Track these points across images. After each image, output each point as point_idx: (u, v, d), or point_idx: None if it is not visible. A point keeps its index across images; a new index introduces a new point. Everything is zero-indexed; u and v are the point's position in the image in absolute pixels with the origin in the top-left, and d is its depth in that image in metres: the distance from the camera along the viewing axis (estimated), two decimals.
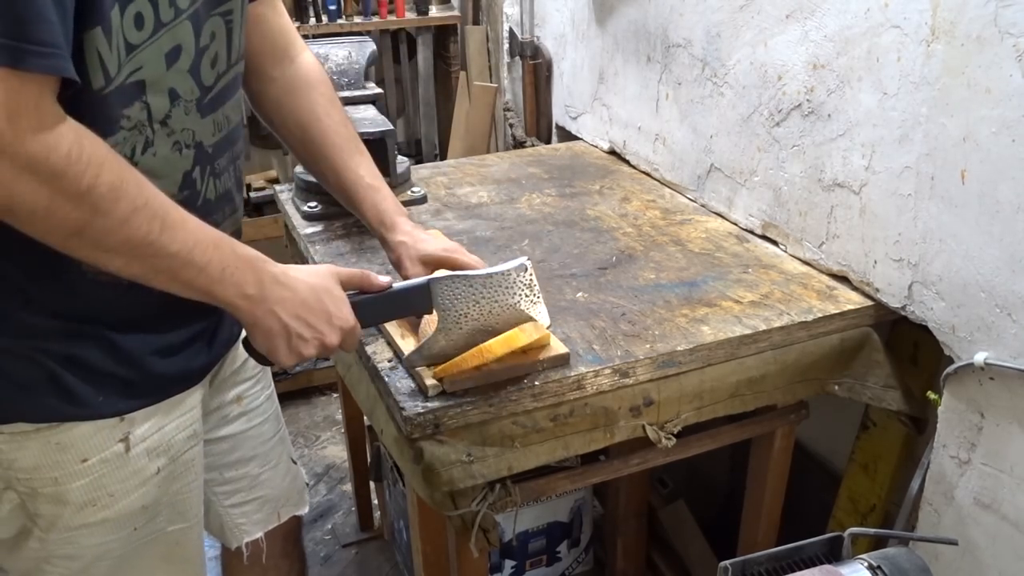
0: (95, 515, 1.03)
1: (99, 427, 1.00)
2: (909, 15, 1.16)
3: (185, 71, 0.94)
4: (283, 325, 0.95)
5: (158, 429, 1.05)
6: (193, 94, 0.96)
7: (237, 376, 1.24)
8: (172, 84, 0.92)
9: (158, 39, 0.89)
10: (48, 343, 0.95)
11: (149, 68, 0.89)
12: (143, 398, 1.03)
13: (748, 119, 1.53)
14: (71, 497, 1.00)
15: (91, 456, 1.00)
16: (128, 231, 0.81)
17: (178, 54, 0.92)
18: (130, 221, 0.81)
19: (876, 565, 0.92)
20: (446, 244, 1.23)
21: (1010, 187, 1.06)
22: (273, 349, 0.96)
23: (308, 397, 2.84)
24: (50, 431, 0.97)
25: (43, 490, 1.00)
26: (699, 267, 1.43)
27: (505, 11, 2.54)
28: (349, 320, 0.99)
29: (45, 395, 0.96)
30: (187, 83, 0.95)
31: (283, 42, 1.20)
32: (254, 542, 1.34)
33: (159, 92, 0.91)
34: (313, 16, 2.65)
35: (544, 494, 1.28)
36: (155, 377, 1.03)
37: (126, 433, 1.02)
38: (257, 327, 0.95)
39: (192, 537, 1.17)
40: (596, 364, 1.14)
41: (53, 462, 0.98)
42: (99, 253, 0.83)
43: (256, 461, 1.30)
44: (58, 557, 1.04)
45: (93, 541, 1.05)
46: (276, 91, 1.20)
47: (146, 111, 0.90)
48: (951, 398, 1.21)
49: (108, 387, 0.99)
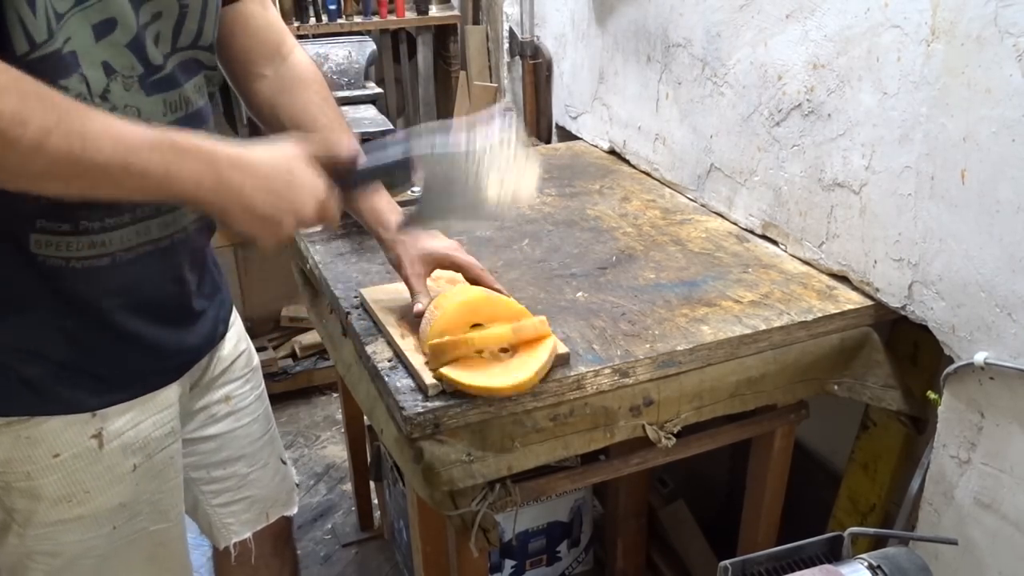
0: (70, 511, 1.03)
1: (69, 422, 1.00)
2: (909, 15, 1.16)
3: (121, 45, 0.91)
4: (251, 209, 0.90)
5: (134, 426, 1.05)
6: (134, 70, 0.93)
7: (226, 376, 1.23)
8: (105, 58, 0.90)
9: (85, 8, 0.86)
10: (16, 339, 0.95)
11: (78, 39, 0.86)
12: (115, 393, 1.02)
13: (748, 119, 1.53)
14: (44, 492, 1.01)
15: (63, 451, 1.00)
16: (47, 154, 0.77)
17: (112, 27, 0.89)
18: (45, 144, 0.76)
19: (876, 565, 0.92)
20: (445, 242, 1.23)
21: (1010, 187, 1.06)
22: (251, 235, 0.93)
23: (308, 397, 2.83)
24: (20, 425, 0.97)
25: (16, 484, 1.00)
26: (699, 267, 1.43)
27: (505, 11, 2.54)
28: (320, 187, 0.95)
29: (13, 389, 0.96)
30: (125, 58, 0.92)
31: (274, 40, 1.19)
32: (242, 542, 1.33)
33: (92, 65, 0.89)
34: (313, 16, 2.65)
35: (544, 494, 1.28)
36: (128, 373, 1.03)
37: (99, 429, 1.02)
38: (226, 215, 0.90)
39: (175, 537, 1.16)
40: (596, 364, 1.14)
41: (24, 456, 0.99)
42: (29, 182, 0.79)
43: (244, 461, 1.29)
44: (39, 553, 1.05)
45: (72, 538, 1.05)
46: (268, 89, 1.19)
47: (84, 84, 0.88)
48: (951, 398, 1.21)
49: (78, 382, 0.99)
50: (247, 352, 1.28)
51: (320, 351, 2.80)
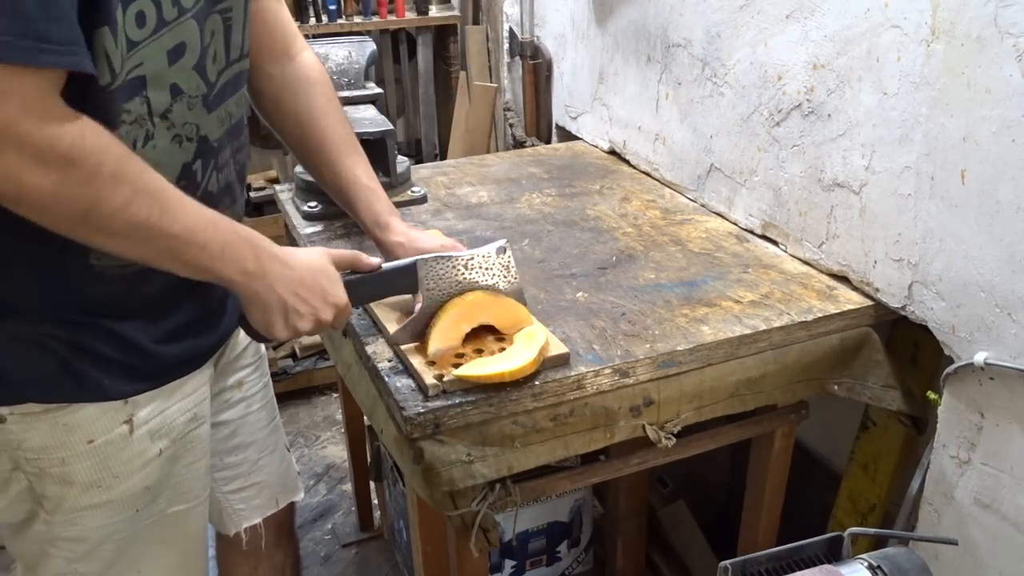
0: (99, 496, 1.05)
1: (104, 409, 1.02)
2: (909, 15, 1.16)
3: (190, 68, 0.95)
4: (280, 300, 0.98)
5: (159, 412, 1.07)
6: (199, 90, 0.98)
7: (238, 362, 1.27)
8: (175, 80, 0.94)
9: (160, 37, 0.90)
10: (56, 330, 0.97)
11: (150, 64, 0.90)
12: (146, 381, 1.05)
13: (748, 119, 1.53)
14: (77, 477, 1.03)
15: (97, 437, 1.02)
16: (129, 215, 0.84)
17: (182, 52, 0.94)
18: (131, 205, 0.84)
19: (876, 565, 0.92)
20: (442, 242, 1.25)
21: (1010, 187, 1.06)
22: (270, 323, 1.00)
23: (308, 397, 2.84)
24: (58, 412, 1.00)
25: (50, 470, 1.02)
26: (699, 267, 1.43)
27: (505, 11, 2.54)
28: (342, 298, 1.04)
29: (54, 378, 0.98)
30: (192, 80, 0.96)
31: (284, 39, 1.21)
32: (252, 528, 1.35)
33: (160, 88, 0.93)
34: (313, 16, 2.65)
35: (544, 494, 1.28)
36: (157, 362, 1.05)
37: (130, 415, 1.04)
38: (255, 302, 0.98)
39: (192, 518, 1.18)
40: (596, 364, 1.14)
41: (60, 443, 1.01)
42: (105, 237, 0.86)
43: (255, 447, 1.32)
44: (63, 540, 1.07)
45: (97, 523, 1.07)
46: (275, 88, 1.21)
47: (146, 105, 0.92)
48: (951, 398, 1.21)
49: (113, 372, 1.02)
50: None
51: (320, 351, 2.80)
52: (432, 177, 1.88)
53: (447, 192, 1.79)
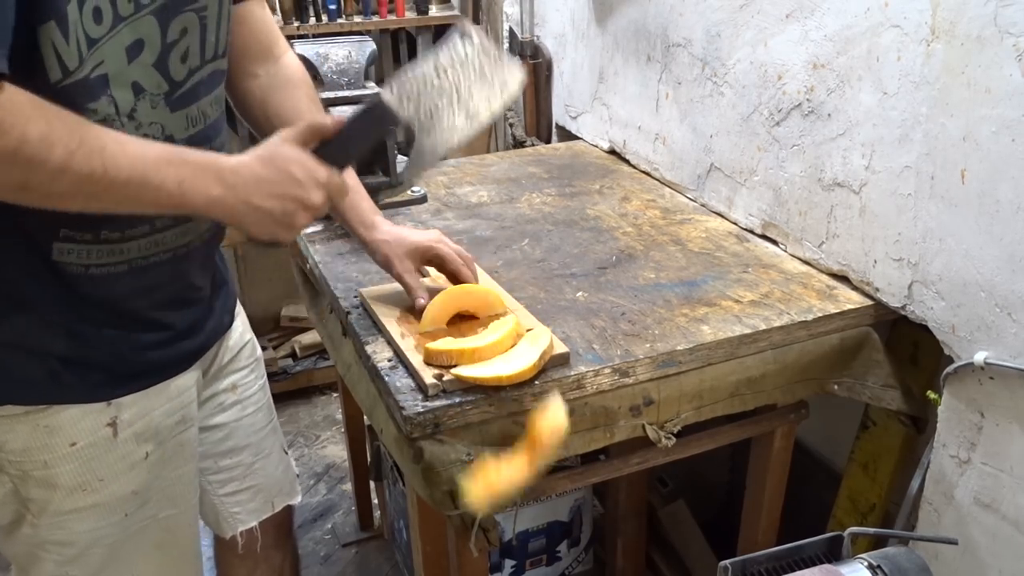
0: (85, 499, 1.05)
1: (86, 411, 1.02)
2: (909, 15, 1.16)
3: (149, 65, 0.94)
4: (262, 208, 0.93)
5: (145, 414, 1.07)
6: (160, 88, 0.96)
7: (232, 365, 1.26)
8: (135, 78, 0.93)
9: (118, 33, 0.89)
10: (37, 335, 0.97)
11: (111, 62, 0.89)
12: (128, 384, 1.04)
13: (748, 119, 1.53)
14: (61, 481, 1.02)
15: (79, 440, 1.02)
16: (72, 175, 0.81)
17: (140, 48, 0.92)
18: (70, 165, 0.81)
19: (876, 565, 0.92)
20: (427, 234, 1.26)
21: (1010, 187, 1.06)
22: (267, 233, 0.96)
23: (308, 397, 2.84)
24: (39, 414, 0.99)
25: (34, 473, 1.02)
26: (699, 267, 1.43)
27: (505, 11, 2.54)
28: (321, 172, 0.97)
29: (34, 379, 0.98)
30: (152, 77, 0.95)
31: (267, 40, 1.21)
32: (248, 531, 1.35)
33: (123, 86, 0.92)
34: (313, 16, 2.64)
35: (544, 494, 1.28)
36: (140, 365, 1.05)
37: (113, 418, 1.04)
38: (240, 220, 0.94)
39: (183, 524, 1.18)
40: (596, 364, 1.14)
41: (42, 445, 1.00)
42: (53, 200, 0.84)
43: (250, 450, 1.31)
44: (51, 543, 1.06)
45: (85, 527, 1.06)
46: (260, 89, 1.20)
47: (113, 105, 0.91)
48: (951, 398, 1.21)
49: (95, 374, 1.01)
50: (251, 342, 1.31)
51: (320, 351, 2.80)
52: (432, 177, 1.88)
53: (447, 192, 1.79)
